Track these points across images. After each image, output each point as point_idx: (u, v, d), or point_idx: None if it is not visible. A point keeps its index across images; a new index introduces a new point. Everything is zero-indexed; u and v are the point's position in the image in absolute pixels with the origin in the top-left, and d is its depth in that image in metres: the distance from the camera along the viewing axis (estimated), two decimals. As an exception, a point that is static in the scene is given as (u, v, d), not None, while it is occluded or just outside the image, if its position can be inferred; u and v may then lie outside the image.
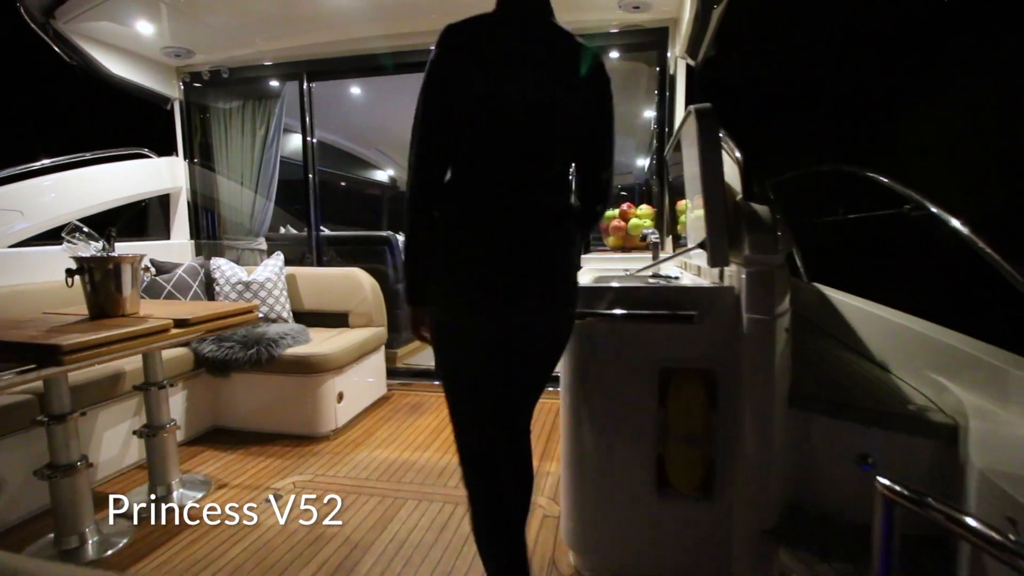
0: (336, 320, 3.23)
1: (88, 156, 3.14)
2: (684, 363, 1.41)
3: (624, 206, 2.66)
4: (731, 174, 1.45)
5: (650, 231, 1.83)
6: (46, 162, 2.91)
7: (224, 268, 3.09)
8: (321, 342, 2.84)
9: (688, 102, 2.91)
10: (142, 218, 3.73)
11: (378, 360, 3.19)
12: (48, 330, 1.68)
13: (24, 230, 2.65)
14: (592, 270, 2.47)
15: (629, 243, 2.65)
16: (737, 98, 2.79)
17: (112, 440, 2.29)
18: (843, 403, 1.38)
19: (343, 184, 6.22)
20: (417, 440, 2.65)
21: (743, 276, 1.31)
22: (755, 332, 1.29)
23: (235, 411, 2.79)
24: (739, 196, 1.41)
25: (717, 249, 1.33)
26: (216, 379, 2.72)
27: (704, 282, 1.56)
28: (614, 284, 1.52)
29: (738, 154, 1.48)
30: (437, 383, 3.41)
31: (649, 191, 3.74)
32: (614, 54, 3.12)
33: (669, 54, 2.94)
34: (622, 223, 2.61)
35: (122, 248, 3.37)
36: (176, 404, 2.62)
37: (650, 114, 4.35)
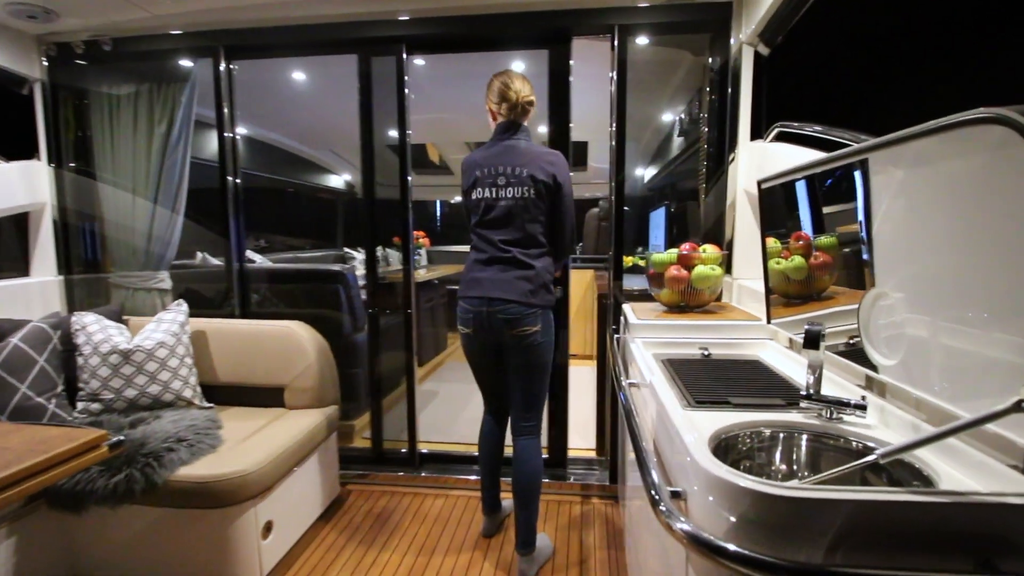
0: (267, 397, 2.29)
1: None
2: None
3: (685, 247, 1.86)
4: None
5: (816, 327, 1.02)
6: None
7: (92, 329, 2.10)
8: (238, 444, 1.91)
9: (755, 100, 2.15)
10: (-11, 245, 2.67)
11: (328, 451, 2.28)
12: None
13: None
14: (649, 343, 1.67)
15: (692, 300, 1.85)
16: (803, 96, 2.05)
17: None
18: None
19: (290, 191, 5.20)
20: (386, 600, 1.77)
21: None
22: None
23: (101, 558, 1.82)
24: None
25: None
26: (65, 516, 1.74)
27: None
28: (827, 492, 0.71)
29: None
30: (401, 473, 2.53)
31: (681, 216, 2.97)
32: (641, 40, 2.32)
33: (732, 40, 2.17)
34: (683, 272, 1.81)
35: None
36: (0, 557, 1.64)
37: (668, 117, 3.62)
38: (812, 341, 1.01)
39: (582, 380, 4.27)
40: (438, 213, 6.45)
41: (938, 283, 0.92)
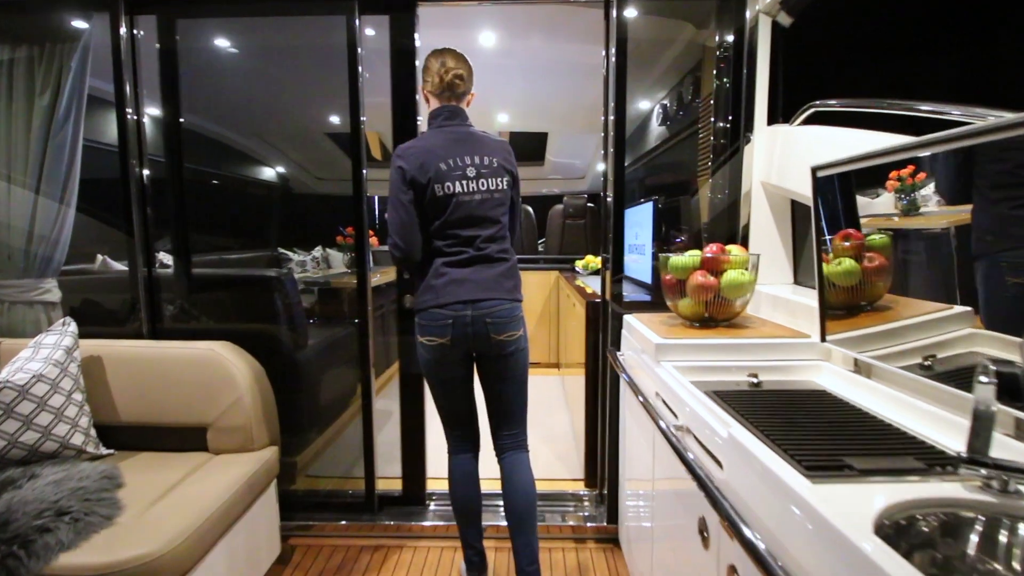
0: (185, 439, 1.82)
1: None
2: None
3: (711, 249, 1.57)
4: None
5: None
6: None
7: (-66, 360, 1.56)
8: (144, 511, 1.44)
9: (772, 78, 1.90)
10: None
11: (266, 504, 1.83)
12: None
13: None
14: (681, 367, 1.37)
15: (720, 312, 1.56)
16: (835, 74, 1.85)
17: None
18: None
19: (215, 184, 4.56)
20: None
21: None
22: None
23: None
24: None
25: None
26: None
27: None
28: None
29: None
30: (345, 522, 2.13)
31: (670, 213, 2.70)
32: (631, 12, 2.02)
33: (748, 13, 1.90)
34: (710, 279, 1.52)
35: None
36: None
37: (646, 105, 3.35)
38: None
39: (549, 392, 3.96)
40: (376, 211, 5.96)
41: None
